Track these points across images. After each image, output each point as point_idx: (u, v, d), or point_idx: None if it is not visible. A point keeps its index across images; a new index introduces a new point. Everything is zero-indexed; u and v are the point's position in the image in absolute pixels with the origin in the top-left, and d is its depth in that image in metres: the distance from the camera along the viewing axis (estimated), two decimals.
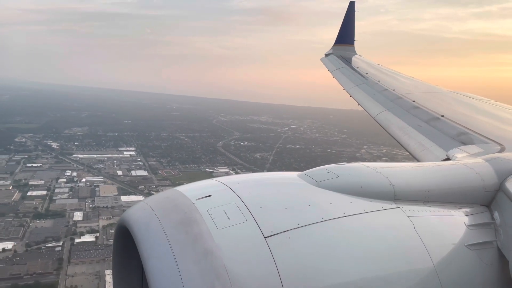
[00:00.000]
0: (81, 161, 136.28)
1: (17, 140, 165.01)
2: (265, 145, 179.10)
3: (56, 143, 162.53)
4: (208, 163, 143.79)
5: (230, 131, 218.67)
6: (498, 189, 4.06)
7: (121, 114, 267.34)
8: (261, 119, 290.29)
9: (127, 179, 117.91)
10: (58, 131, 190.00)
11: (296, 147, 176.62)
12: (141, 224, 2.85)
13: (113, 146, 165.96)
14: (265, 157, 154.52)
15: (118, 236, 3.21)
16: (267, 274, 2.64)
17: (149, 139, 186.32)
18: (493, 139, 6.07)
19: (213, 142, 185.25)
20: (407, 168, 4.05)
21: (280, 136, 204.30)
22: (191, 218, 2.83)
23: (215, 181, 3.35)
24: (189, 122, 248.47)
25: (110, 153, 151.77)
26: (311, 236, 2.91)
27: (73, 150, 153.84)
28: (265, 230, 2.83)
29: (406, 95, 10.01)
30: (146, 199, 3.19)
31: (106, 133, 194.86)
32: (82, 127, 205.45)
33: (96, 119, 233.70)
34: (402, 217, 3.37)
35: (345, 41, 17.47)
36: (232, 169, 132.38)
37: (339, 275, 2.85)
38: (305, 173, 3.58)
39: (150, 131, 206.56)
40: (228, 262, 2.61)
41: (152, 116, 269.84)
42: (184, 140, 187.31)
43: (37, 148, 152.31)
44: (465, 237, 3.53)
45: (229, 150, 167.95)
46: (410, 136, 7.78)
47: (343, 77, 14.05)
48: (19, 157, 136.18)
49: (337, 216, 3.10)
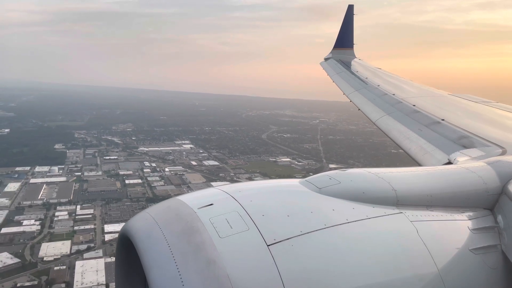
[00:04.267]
0: (149, 153, 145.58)
1: (76, 136, 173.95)
2: (307, 137, 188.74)
3: (117, 138, 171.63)
4: (266, 153, 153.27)
5: (265, 125, 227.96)
6: (501, 192, 4.03)
7: (152, 111, 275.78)
8: (287, 113, 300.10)
9: (203, 168, 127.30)
10: (106, 127, 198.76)
11: (337, 138, 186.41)
12: (143, 234, 2.86)
13: (167, 140, 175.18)
14: (315, 148, 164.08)
15: (121, 246, 3.20)
16: (270, 282, 2.64)
17: (195, 133, 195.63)
18: (495, 142, 6.07)
19: (256, 135, 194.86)
20: (409, 173, 4.04)
21: (316, 128, 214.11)
22: (193, 227, 2.83)
23: (216, 189, 3.37)
24: (221, 117, 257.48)
25: (169, 146, 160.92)
26: (314, 243, 2.91)
27: (135, 144, 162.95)
28: (267, 238, 2.82)
29: (406, 99, 10.04)
30: (148, 209, 3.19)
31: (152, 128, 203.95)
32: (126, 123, 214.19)
33: (132, 116, 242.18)
34: (405, 222, 3.37)
35: (344, 44, 17.50)
36: (292, 158, 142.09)
37: (343, 282, 2.84)
38: (307, 179, 3.58)
39: (192, 126, 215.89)
40: (231, 270, 2.60)
41: (182, 112, 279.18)
42: (228, 134, 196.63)
43: (101, 143, 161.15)
44: (469, 241, 3.52)
45: (277, 142, 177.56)
46: (411, 140, 7.75)
47: (343, 82, 14.07)
48: (91, 151, 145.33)
49: (340, 222, 3.10)
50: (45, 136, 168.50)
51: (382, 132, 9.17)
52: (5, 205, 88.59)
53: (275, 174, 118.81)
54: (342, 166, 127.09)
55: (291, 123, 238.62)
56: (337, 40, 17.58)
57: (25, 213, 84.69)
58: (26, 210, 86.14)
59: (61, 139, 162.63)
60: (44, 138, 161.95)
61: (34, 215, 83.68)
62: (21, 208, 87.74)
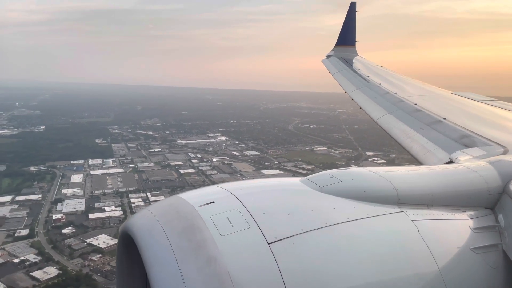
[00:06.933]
0: (189, 145, 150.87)
1: (112, 131, 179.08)
2: (333, 127, 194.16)
3: (152, 132, 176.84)
4: (300, 143, 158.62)
5: (287, 117, 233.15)
6: (502, 191, 4.04)
7: (172, 107, 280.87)
8: (303, 105, 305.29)
9: (247, 158, 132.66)
10: (135, 122, 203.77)
11: (362, 128, 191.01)
12: (144, 232, 2.86)
13: (199, 133, 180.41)
14: (345, 137, 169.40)
15: (122, 243, 3.21)
16: (271, 281, 2.64)
17: (222, 126, 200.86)
18: (496, 142, 6.08)
19: (282, 126, 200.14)
20: (410, 172, 4.03)
21: (338, 119, 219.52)
22: (194, 225, 2.83)
23: (217, 187, 3.36)
24: (240, 111, 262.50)
25: (204, 138, 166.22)
26: (315, 242, 2.91)
27: (171, 137, 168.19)
28: (268, 236, 2.82)
29: (408, 98, 10.05)
30: (149, 207, 3.18)
31: (179, 122, 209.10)
32: (153, 118, 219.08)
33: (155, 112, 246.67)
34: (406, 221, 3.37)
35: (346, 42, 17.44)
36: (328, 147, 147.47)
37: (344, 281, 2.84)
38: (308, 178, 3.58)
39: (216, 119, 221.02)
40: (231, 268, 2.60)
41: (199, 107, 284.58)
42: (255, 126, 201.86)
43: (138, 137, 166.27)
44: (469, 241, 3.52)
45: (305, 132, 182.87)
46: (412, 139, 7.77)
47: (344, 80, 14.02)
48: (132, 145, 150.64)
49: (341, 221, 3.10)
50: (82, 132, 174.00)
51: (384, 131, 9.20)
52: (80, 194, 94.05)
53: (317, 162, 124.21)
54: (379, 153, 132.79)
55: (312, 115, 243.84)
56: (339, 37, 17.60)
57: (102, 201, 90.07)
58: (101, 199, 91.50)
59: (99, 134, 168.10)
60: (83, 134, 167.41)
61: (111, 202, 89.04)
62: (95, 196, 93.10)
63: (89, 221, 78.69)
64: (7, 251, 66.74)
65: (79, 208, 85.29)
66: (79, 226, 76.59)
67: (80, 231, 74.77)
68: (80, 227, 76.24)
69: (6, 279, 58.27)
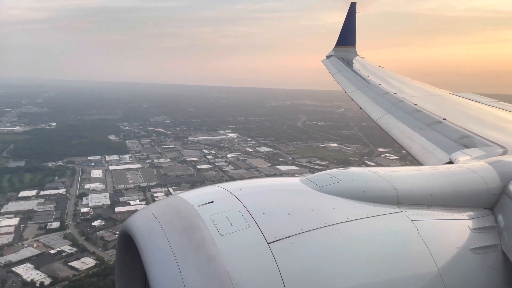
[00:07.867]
0: (201, 142, 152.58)
1: (122, 128, 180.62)
2: (341, 124, 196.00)
3: (163, 129, 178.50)
4: (311, 140, 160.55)
5: (294, 114, 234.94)
6: (501, 192, 4.04)
7: (178, 104, 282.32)
8: (308, 103, 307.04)
9: (260, 154, 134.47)
10: (144, 120, 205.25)
11: (371, 125, 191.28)
12: (143, 231, 2.86)
13: (209, 130, 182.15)
14: (354, 134, 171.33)
15: (121, 243, 3.21)
16: (270, 280, 2.64)
17: (231, 123, 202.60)
18: (496, 142, 6.08)
19: (291, 123, 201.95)
20: (410, 172, 4.05)
21: (345, 116, 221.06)
22: (193, 224, 2.83)
23: (217, 187, 3.35)
24: (246, 108, 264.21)
25: (215, 135, 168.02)
26: (314, 242, 2.91)
27: (182, 134, 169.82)
28: (268, 236, 2.82)
29: (408, 99, 10.08)
30: (149, 206, 3.19)
31: (188, 120, 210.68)
32: (161, 115, 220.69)
33: (162, 109, 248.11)
34: (405, 222, 3.37)
35: (346, 42, 17.46)
36: (340, 144, 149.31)
37: (343, 281, 2.84)
38: (308, 178, 3.58)
39: (224, 116, 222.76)
40: (231, 268, 2.61)
41: (205, 104, 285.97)
42: (263, 123, 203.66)
43: (150, 134, 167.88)
44: (469, 241, 3.52)
45: (314, 129, 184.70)
46: (412, 139, 7.77)
47: (344, 80, 14.05)
48: (145, 141, 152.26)
49: (340, 221, 3.10)
50: (93, 128, 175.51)
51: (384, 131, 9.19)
52: (103, 189, 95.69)
53: (331, 158, 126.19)
54: (391, 150, 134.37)
55: (318, 112, 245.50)
56: (339, 37, 17.57)
57: (125, 195, 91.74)
58: (125, 193, 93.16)
59: (111, 131, 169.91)
60: (95, 131, 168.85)
61: (135, 196, 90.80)
62: (118, 191, 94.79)
63: (116, 214, 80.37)
64: (42, 243, 68.52)
65: (105, 202, 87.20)
66: (108, 219, 78.36)
67: (109, 223, 76.56)
68: (108, 220, 78.03)
69: (45, 268, 60.07)
